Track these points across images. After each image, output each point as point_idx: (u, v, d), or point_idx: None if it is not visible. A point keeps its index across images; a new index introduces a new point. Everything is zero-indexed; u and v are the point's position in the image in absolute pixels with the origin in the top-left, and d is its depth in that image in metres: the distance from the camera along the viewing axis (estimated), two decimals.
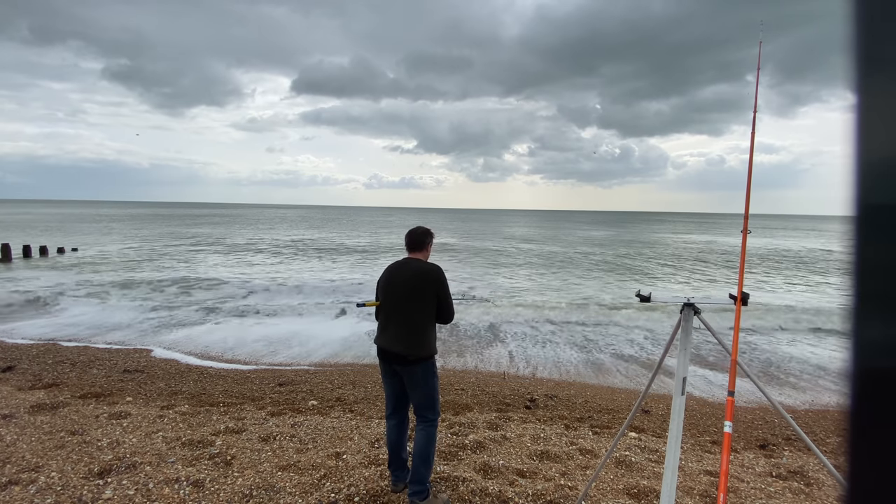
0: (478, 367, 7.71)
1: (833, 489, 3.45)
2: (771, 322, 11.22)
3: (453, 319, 3.03)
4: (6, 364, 6.45)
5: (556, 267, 22.65)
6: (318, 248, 30.44)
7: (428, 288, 2.84)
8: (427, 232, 3.09)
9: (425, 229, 3.10)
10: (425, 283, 2.84)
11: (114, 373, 6.45)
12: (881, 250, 0.34)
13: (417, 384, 2.91)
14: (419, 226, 3.11)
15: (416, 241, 3.04)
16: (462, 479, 3.20)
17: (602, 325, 10.96)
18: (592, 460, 3.74)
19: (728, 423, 1.81)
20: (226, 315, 11.16)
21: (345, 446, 3.79)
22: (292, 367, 7.44)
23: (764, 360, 8.39)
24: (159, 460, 3.39)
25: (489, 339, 9.49)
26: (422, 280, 2.84)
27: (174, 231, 42.72)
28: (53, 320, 10.21)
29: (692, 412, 5.71)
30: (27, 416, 4.21)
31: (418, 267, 2.90)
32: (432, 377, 2.93)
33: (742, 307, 1.99)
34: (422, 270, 2.87)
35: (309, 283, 16.30)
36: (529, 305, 12.84)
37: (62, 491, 2.92)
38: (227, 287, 14.98)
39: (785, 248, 36.07)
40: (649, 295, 2.13)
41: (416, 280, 2.85)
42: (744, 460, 4.06)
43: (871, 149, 0.33)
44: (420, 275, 2.86)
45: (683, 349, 2.04)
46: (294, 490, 3.05)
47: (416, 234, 3.06)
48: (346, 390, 6.09)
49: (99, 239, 32.26)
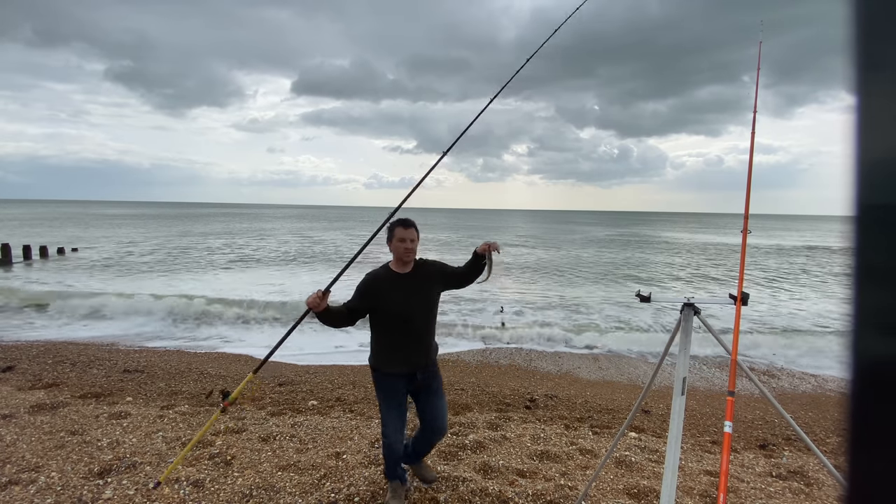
0: (477, 367, 7.70)
1: (833, 489, 3.45)
2: (772, 323, 11.23)
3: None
4: (6, 364, 6.45)
5: (559, 267, 22.65)
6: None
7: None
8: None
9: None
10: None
11: (114, 373, 6.45)
12: (881, 250, 0.34)
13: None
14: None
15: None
16: (462, 479, 3.20)
17: (602, 325, 10.96)
18: (592, 460, 3.74)
19: (728, 423, 1.81)
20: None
21: (345, 446, 3.79)
22: (292, 366, 7.44)
23: (764, 359, 8.39)
24: (159, 460, 3.39)
25: (489, 340, 9.49)
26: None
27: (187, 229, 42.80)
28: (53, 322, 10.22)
29: (692, 412, 5.70)
30: (27, 416, 4.20)
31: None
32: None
33: (742, 307, 1.99)
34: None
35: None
36: (535, 305, 12.83)
37: (62, 491, 2.92)
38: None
39: (790, 246, 36.09)
40: (649, 295, 2.13)
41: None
42: (744, 460, 4.06)
43: (871, 149, 0.33)
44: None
45: (683, 349, 2.04)
46: (294, 490, 3.05)
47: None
48: (346, 390, 6.09)
49: (104, 235, 32.28)
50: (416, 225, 2.77)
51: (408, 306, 2.72)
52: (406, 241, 2.71)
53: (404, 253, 2.71)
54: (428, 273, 2.83)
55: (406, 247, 2.71)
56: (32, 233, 34.91)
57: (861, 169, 0.33)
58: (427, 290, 2.79)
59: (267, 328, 10.18)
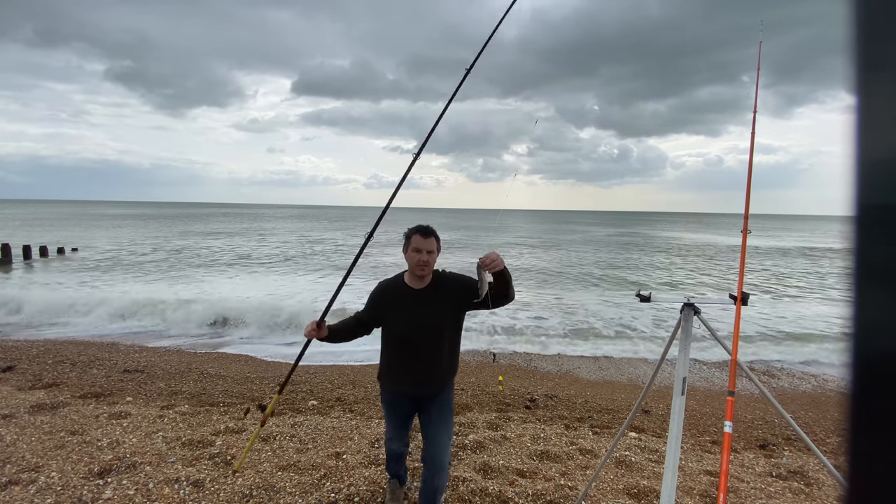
0: (477, 367, 7.70)
1: (833, 489, 3.45)
2: (773, 324, 11.23)
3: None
4: (6, 364, 6.45)
5: (559, 267, 22.66)
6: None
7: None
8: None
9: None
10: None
11: (114, 373, 6.45)
12: (881, 250, 0.34)
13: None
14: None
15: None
16: (462, 479, 3.20)
17: (602, 325, 10.95)
18: (592, 460, 3.74)
19: (728, 423, 1.81)
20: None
21: (345, 446, 3.79)
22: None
23: (764, 359, 8.39)
24: (159, 460, 3.39)
25: (489, 339, 9.49)
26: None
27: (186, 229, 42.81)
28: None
29: (692, 412, 5.70)
30: (27, 416, 4.20)
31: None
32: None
33: (742, 307, 1.99)
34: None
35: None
36: (530, 309, 12.82)
37: (62, 491, 2.92)
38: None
39: (788, 247, 36.09)
40: (649, 295, 2.13)
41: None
42: (744, 460, 4.06)
43: (871, 149, 0.33)
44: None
45: (683, 349, 2.04)
46: (294, 490, 3.05)
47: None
48: (346, 390, 6.09)
49: (104, 235, 32.29)
50: (436, 234, 2.37)
51: (411, 328, 2.37)
52: (422, 252, 2.30)
53: (418, 266, 2.32)
54: (446, 291, 2.39)
55: (421, 259, 2.30)
56: (33, 233, 34.92)
57: (861, 169, 0.33)
58: (441, 311, 2.37)
59: (267, 328, 10.18)
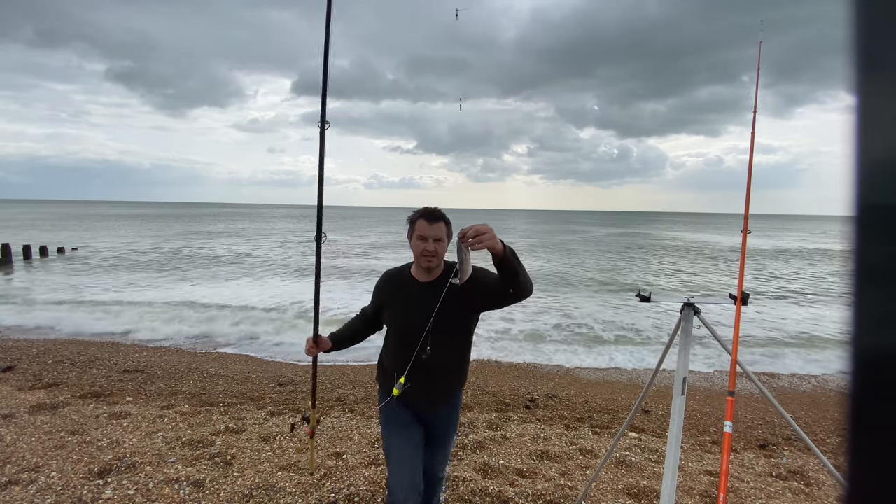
0: (477, 367, 7.70)
1: (833, 489, 3.45)
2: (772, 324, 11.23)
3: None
4: (6, 364, 6.45)
5: (559, 268, 22.65)
6: None
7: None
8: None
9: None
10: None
11: (114, 373, 6.45)
12: (881, 250, 0.34)
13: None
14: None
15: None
16: (462, 479, 3.20)
17: (602, 325, 10.95)
18: (592, 460, 3.74)
19: (728, 423, 1.81)
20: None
21: (345, 446, 3.79)
22: (292, 366, 7.44)
23: (764, 359, 8.39)
24: (159, 460, 3.39)
25: (489, 340, 9.49)
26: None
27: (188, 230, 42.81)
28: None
29: (692, 412, 5.70)
30: (27, 416, 4.21)
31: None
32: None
33: (742, 307, 1.99)
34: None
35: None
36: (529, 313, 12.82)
37: (62, 491, 2.92)
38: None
39: (788, 247, 36.09)
40: (649, 295, 2.13)
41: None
42: (744, 460, 4.06)
43: (871, 149, 0.33)
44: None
45: (683, 349, 2.04)
46: (294, 490, 3.05)
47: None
48: (346, 390, 6.09)
49: (104, 235, 32.30)
50: (446, 218, 2.00)
51: (414, 326, 1.98)
52: (428, 239, 1.93)
53: (423, 256, 1.95)
54: (458, 287, 1.91)
55: (427, 248, 1.94)
56: (33, 233, 34.91)
57: (861, 169, 0.33)
58: (449, 310, 1.94)
59: (266, 329, 10.18)
